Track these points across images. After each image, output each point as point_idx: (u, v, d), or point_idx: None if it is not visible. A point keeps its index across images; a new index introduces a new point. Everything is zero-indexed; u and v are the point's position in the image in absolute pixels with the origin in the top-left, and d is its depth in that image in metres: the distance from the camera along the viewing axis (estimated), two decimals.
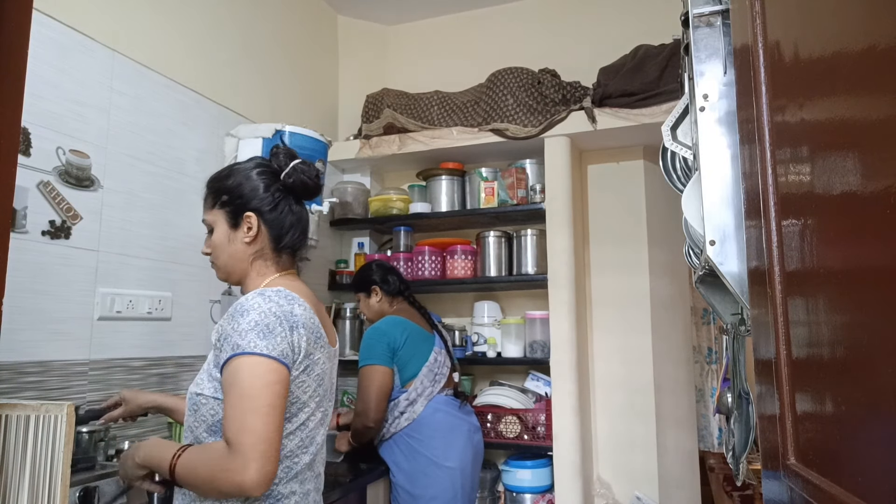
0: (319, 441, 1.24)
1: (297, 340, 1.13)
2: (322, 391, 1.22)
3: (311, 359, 1.16)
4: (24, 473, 0.98)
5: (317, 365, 1.18)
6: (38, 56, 1.69)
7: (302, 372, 1.15)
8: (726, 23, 1.01)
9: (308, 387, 1.17)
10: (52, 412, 1.01)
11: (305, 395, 1.17)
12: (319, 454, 1.25)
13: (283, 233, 1.26)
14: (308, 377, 1.17)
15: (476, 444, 2.30)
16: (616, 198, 2.87)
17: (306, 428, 1.19)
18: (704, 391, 3.79)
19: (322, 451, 1.27)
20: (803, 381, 0.61)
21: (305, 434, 1.19)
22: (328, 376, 1.24)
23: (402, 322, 2.27)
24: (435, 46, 3.35)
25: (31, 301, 1.65)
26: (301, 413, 1.17)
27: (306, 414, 1.18)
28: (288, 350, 1.11)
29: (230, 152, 2.37)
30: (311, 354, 1.16)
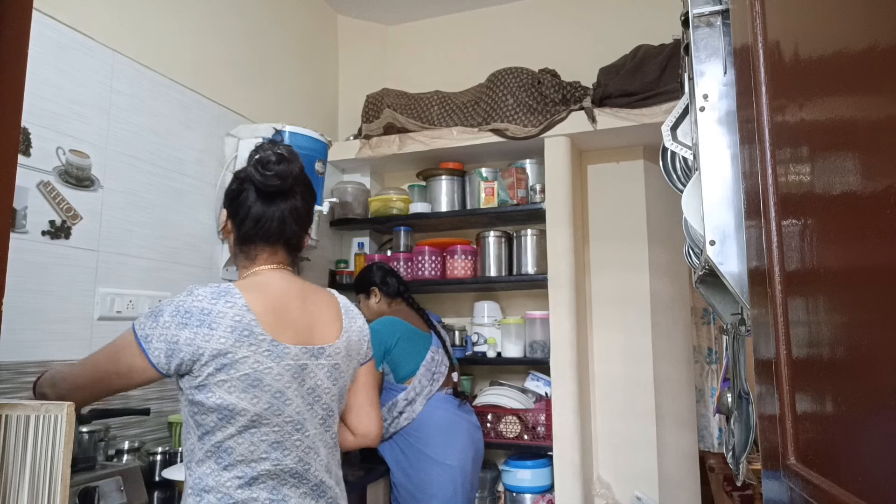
0: (292, 449, 1.16)
1: (190, 338, 1.10)
2: (264, 392, 1.13)
3: (228, 357, 1.10)
4: (24, 473, 0.98)
5: (242, 363, 1.11)
6: (38, 56, 1.69)
7: (217, 371, 1.10)
8: (726, 23, 1.01)
9: (233, 386, 1.10)
10: (52, 412, 1.01)
11: (232, 395, 1.10)
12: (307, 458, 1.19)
13: (241, 228, 1.25)
14: (229, 375, 1.10)
15: (476, 443, 2.30)
16: (616, 198, 2.87)
17: (258, 433, 1.13)
18: (704, 391, 3.79)
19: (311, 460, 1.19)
20: (803, 381, 0.61)
21: (259, 439, 1.13)
22: (273, 378, 1.14)
23: (394, 322, 2.29)
24: (435, 46, 3.35)
25: (31, 301, 1.65)
26: (239, 417, 1.11)
27: (246, 417, 1.11)
28: (163, 343, 1.11)
29: (230, 152, 2.37)
30: (227, 353, 1.10)
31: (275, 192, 1.23)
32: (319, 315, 1.26)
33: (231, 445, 1.12)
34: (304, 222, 1.29)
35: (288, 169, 1.21)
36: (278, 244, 1.26)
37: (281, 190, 1.23)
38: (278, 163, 1.21)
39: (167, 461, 1.87)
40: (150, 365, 1.11)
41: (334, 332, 1.27)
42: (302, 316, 1.22)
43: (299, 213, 1.26)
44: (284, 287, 1.23)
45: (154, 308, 1.15)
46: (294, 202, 1.25)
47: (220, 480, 1.12)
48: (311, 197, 1.31)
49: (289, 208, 1.24)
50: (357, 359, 1.33)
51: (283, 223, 1.24)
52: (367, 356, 1.38)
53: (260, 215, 1.23)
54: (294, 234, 1.27)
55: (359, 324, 1.35)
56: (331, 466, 1.24)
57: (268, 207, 1.23)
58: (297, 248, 1.30)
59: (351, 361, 1.30)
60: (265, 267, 1.26)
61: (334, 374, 1.24)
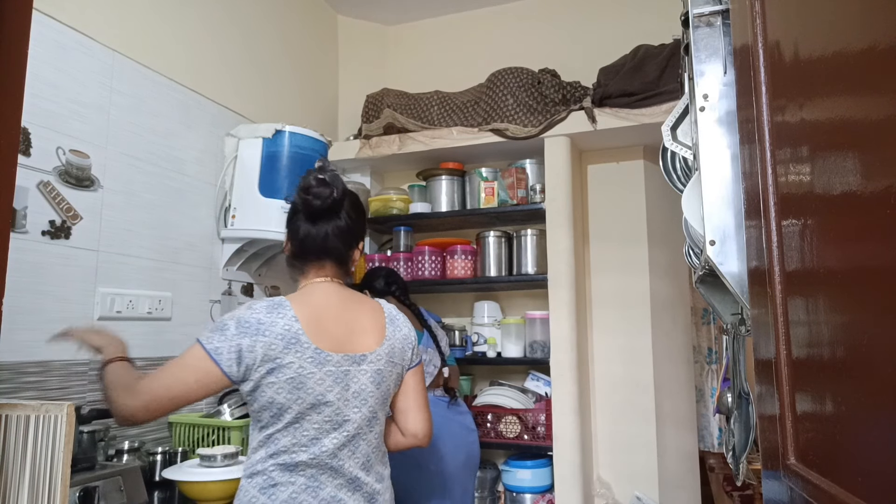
0: (329, 445, 1.28)
1: (250, 345, 1.23)
2: (307, 394, 1.25)
3: (276, 362, 1.24)
4: (24, 473, 0.98)
5: (288, 368, 1.24)
6: (38, 56, 1.69)
7: (268, 373, 1.24)
8: (726, 23, 1.01)
9: (280, 388, 1.24)
10: (52, 412, 1.01)
11: (280, 395, 1.25)
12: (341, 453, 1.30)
13: (293, 246, 1.42)
14: (277, 378, 1.24)
15: (469, 446, 2.24)
16: (616, 198, 2.87)
17: (300, 428, 1.26)
18: (704, 391, 3.79)
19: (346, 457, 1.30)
20: (803, 381, 0.61)
21: (301, 434, 1.26)
22: (317, 381, 1.27)
23: None
24: (435, 46, 3.35)
25: (31, 301, 1.65)
26: (285, 414, 1.26)
27: (291, 415, 1.25)
28: (226, 350, 1.23)
29: (230, 152, 2.37)
30: (276, 358, 1.24)
31: (317, 212, 1.37)
32: (358, 324, 1.36)
33: (278, 437, 1.27)
34: (349, 239, 1.41)
35: (326, 191, 1.35)
36: (325, 259, 1.40)
37: (322, 210, 1.37)
38: (318, 186, 1.35)
39: (167, 461, 1.87)
40: (223, 375, 1.24)
41: (376, 340, 1.37)
42: (338, 325, 1.33)
43: (342, 231, 1.39)
44: (325, 299, 1.36)
45: (218, 323, 1.28)
46: (337, 222, 1.39)
47: (265, 466, 1.27)
48: (356, 215, 1.44)
49: (332, 227, 1.38)
50: (402, 364, 1.42)
51: (326, 240, 1.38)
52: (414, 361, 1.46)
53: (305, 234, 1.38)
54: (337, 249, 1.39)
55: (403, 332, 1.43)
56: (371, 464, 1.35)
57: (312, 227, 1.38)
58: (345, 262, 1.43)
59: (395, 367, 1.39)
60: (314, 280, 1.40)
61: (377, 378, 1.35)
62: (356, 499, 1.31)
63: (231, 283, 2.39)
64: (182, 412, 2.10)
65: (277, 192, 2.26)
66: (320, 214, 1.37)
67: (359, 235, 1.45)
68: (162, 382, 1.22)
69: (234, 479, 1.63)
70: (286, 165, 2.29)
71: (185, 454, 1.94)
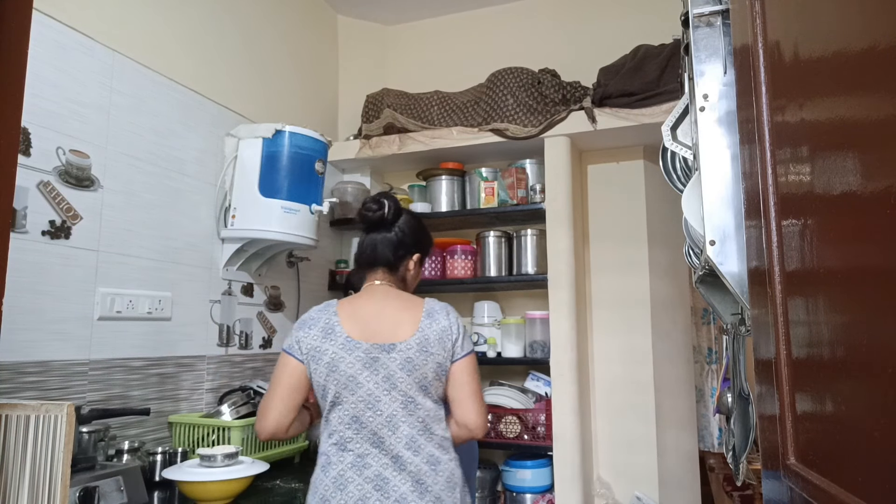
0: (368, 423, 1.45)
1: (303, 336, 1.50)
2: (340, 375, 1.46)
3: (318, 350, 1.48)
4: (24, 473, 0.98)
5: (325, 353, 1.47)
6: (38, 56, 1.69)
7: (313, 360, 1.48)
8: (726, 23, 1.01)
9: (321, 371, 1.47)
10: (52, 412, 1.01)
11: (321, 377, 1.47)
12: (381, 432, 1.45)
13: (356, 255, 1.69)
14: (318, 363, 1.47)
15: (468, 446, 2.23)
16: (616, 198, 2.87)
17: (342, 408, 1.47)
18: (704, 391, 3.79)
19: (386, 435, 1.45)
20: (803, 381, 0.61)
21: (343, 412, 1.46)
22: (347, 364, 1.47)
23: None
24: (435, 46, 3.35)
25: (31, 301, 1.65)
26: (328, 394, 1.47)
27: (332, 394, 1.47)
28: (294, 343, 1.51)
29: (230, 152, 2.37)
30: (317, 347, 1.48)
31: (371, 225, 1.63)
32: (393, 319, 1.53)
33: (330, 418, 1.49)
34: (399, 250, 1.62)
35: (375, 207, 1.61)
36: (376, 265, 1.62)
37: (374, 223, 1.62)
38: (372, 202, 1.62)
39: (167, 461, 1.87)
40: (299, 362, 1.50)
41: (409, 331, 1.51)
42: (375, 319, 1.52)
43: (392, 242, 1.62)
44: (368, 298, 1.58)
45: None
46: (387, 234, 1.62)
47: (325, 447, 1.48)
48: (410, 231, 1.65)
49: (381, 238, 1.62)
50: (439, 354, 1.51)
51: (375, 249, 1.62)
52: (457, 353, 1.54)
53: (361, 243, 1.65)
54: (385, 257, 1.61)
55: (442, 325, 1.53)
56: (419, 446, 1.46)
57: (367, 238, 1.64)
58: (395, 269, 1.64)
59: (430, 357, 1.50)
60: (368, 283, 1.63)
61: (407, 366, 1.48)
62: (402, 478, 1.43)
63: (231, 283, 2.39)
64: (182, 412, 2.11)
65: (277, 192, 2.26)
66: (372, 227, 1.63)
67: (412, 248, 1.66)
68: (269, 392, 1.50)
69: (234, 479, 1.63)
70: (286, 165, 2.29)
71: (185, 454, 1.94)
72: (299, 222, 2.30)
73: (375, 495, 1.41)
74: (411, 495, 1.42)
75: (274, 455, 2.09)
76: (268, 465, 1.76)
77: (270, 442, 2.10)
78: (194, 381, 2.18)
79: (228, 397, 2.22)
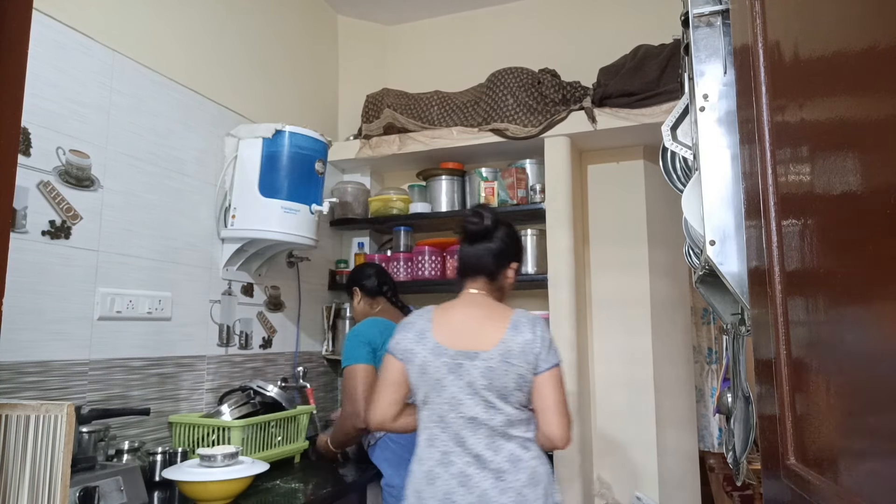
0: (452, 423, 1.57)
1: (401, 339, 1.66)
2: (429, 377, 1.59)
3: (411, 352, 1.62)
4: (24, 473, 0.98)
5: (417, 356, 1.61)
6: (38, 56, 1.69)
7: (407, 361, 1.63)
8: (726, 23, 1.01)
9: (414, 372, 1.62)
10: (52, 412, 1.01)
11: (414, 378, 1.62)
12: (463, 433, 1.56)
13: (457, 265, 1.78)
14: (411, 364, 1.62)
15: None
16: (616, 198, 2.87)
17: (431, 407, 1.60)
18: (704, 391, 3.79)
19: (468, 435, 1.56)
20: (803, 382, 0.61)
21: (431, 411, 1.60)
22: (434, 368, 1.59)
23: (379, 322, 2.25)
24: (435, 46, 3.35)
25: (31, 301, 1.65)
26: (419, 393, 1.62)
27: (422, 394, 1.61)
28: (395, 344, 1.67)
29: (230, 152, 2.37)
30: (411, 349, 1.62)
31: (473, 236, 1.71)
32: (480, 328, 1.62)
33: (422, 416, 1.63)
34: (500, 260, 1.71)
35: (477, 219, 1.69)
36: (477, 274, 1.71)
37: (477, 234, 1.70)
38: (474, 215, 1.71)
39: (167, 461, 1.87)
40: (400, 361, 1.65)
41: (492, 342, 1.58)
42: (463, 327, 1.63)
43: (493, 252, 1.70)
44: (461, 306, 1.69)
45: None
46: (489, 245, 1.70)
47: (419, 440, 1.63)
48: (510, 241, 1.74)
49: (484, 249, 1.70)
50: (521, 366, 1.57)
51: (479, 260, 1.70)
52: (541, 367, 1.59)
53: (462, 255, 1.74)
54: (488, 267, 1.70)
55: (526, 337, 1.59)
56: (496, 445, 1.55)
57: (469, 248, 1.72)
58: (495, 278, 1.72)
59: (511, 367, 1.56)
60: (467, 291, 1.72)
61: (489, 374, 1.56)
62: (484, 475, 1.53)
63: (231, 282, 2.39)
64: (182, 412, 2.11)
65: (277, 192, 2.26)
66: (475, 238, 1.70)
67: (511, 257, 1.74)
68: (377, 387, 1.70)
69: (234, 479, 1.63)
70: (286, 165, 2.29)
71: (185, 454, 1.94)
72: (299, 222, 2.30)
73: (460, 491, 1.53)
74: (492, 491, 1.51)
75: (274, 455, 2.09)
76: (268, 465, 1.76)
77: (270, 442, 2.11)
78: (194, 381, 2.18)
79: (228, 397, 2.22)
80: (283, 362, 2.68)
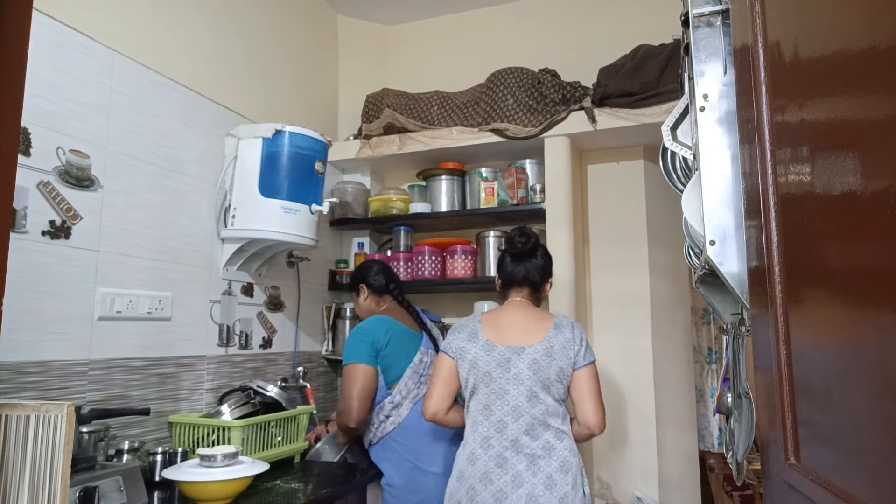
0: (496, 412, 1.79)
1: (453, 339, 1.91)
2: (479, 370, 1.82)
3: (464, 350, 1.87)
4: (24, 473, 0.98)
5: (469, 353, 1.85)
6: (38, 56, 1.69)
7: (461, 358, 1.87)
8: (726, 23, 1.01)
9: (466, 366, 1.85)
10: (52, 412, 1.01)
11: (465, 371, 1.85)
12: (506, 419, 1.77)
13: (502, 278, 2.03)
14: (464, 360, 1.86)
15: None
16: (616, 198, 2.87)
17: (479, 397, 1.82)
18: (704, 391, 3.79)
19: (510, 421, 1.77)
20: (803, 381, 0.61)
21: (478, 401, 1.82)
22: (485, 362, 1.83)
23: (386, 321, 2.24)
24: (435, 46, 3.35)
25: (31, 301, 1.65)
26: (469, 384, 1.85)
27: (471, 385, 1.84)
28: (448, 345, 1.92)
29: (230, 152, 2.37)
30: (463, 348, 1.87)
31: (521, 254, 1.96)
32: (526, 328, 1.87)
33: (470, 406, 1.85)
34: (543, 275, 1.99)
35: (525, 238, 1.95)
36: (523, 286, 1.97)
37: (524, 252, 1.96)
38: (520, 236, 1.96)
39: (167, 461, 1.87)
40: (453, 359, 1.89)
41: (536, 339, 1.83)
42: (511, 328, 1.88)
43: (539, 268, 1.98)
44: (508, 310, 1.95)
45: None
46: (536, 262, 1.98)
47: (466, 428, 1.85)
48: (549, 259, 2.04)
49: (532, 265, 1.97)
50: (562, 360, 1.82)
51: (527, 273, 1.97)
52: (579, 363, 1.83)
53: (511, 269, 1.99)
54: (534, 280, 1.97)
55: (566, 336, 1.85)
56: (538, 433, 1.77)
57: (517, 264, 1.98)
58: (538, 290, 1.99)
59: (553, 361, 1.80)
60: (512, 299, 1.97)
61: (534, 366, 1.79)
62: (519, 459, 1.74)
63: (231, 282, 2.39)
64: (182, 412, 2.11)
65: (277, 192, 2.26)
66: (522, 255, 1.96)
67: (550, 273, 2.03)
68: (431, 383, 1.92)
69: (234, 479, 1.63)
70: (286, 165, 2.28)
71: (185, 454, 1.94)
72: (299, 222, 2.30)
73: (497, 471, 1.73)
74: (525, 473, 1.72)
75: (274, 455, 2.09)
76: (268, 465, 1.76)
77: (270, 442, 2.11)
78: (194, 381, 2.18)
79: (228, 397, 2.22)
80: (283, 362, 2.68)
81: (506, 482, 1.72)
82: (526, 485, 1.71)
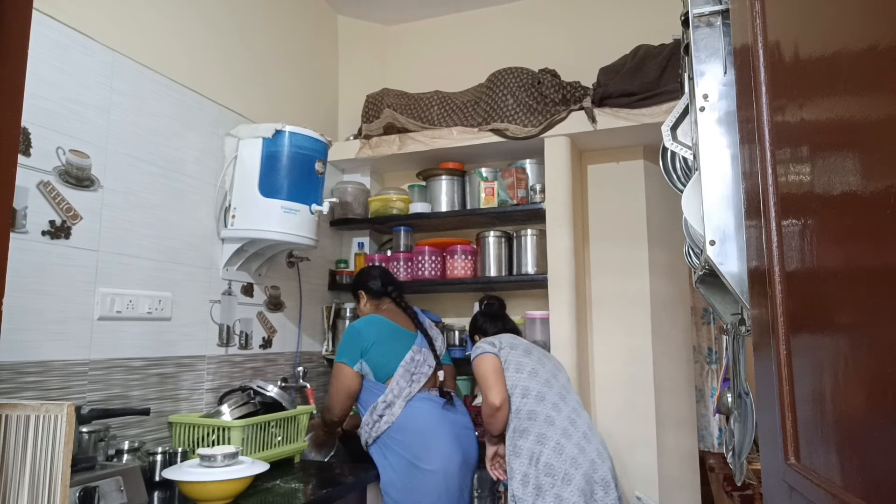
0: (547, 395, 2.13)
1: (501, 346, 2.23)
2: (523, 370, 2.16)
3: (506, 356, 2.19)
4: (24, 473, 0.98)
5: (514, 357, 2.19)
6: (38, 56, 1.69)
7: (505, 362, 2.18)
8: (726, 23, 1.01)
9: (512, 368, 2.17)
10: (52, 412, 1.01)
11: (512, 372, 2.16)
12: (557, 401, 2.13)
13: None
14: (509, 364, 2.18)
15: (465, 445, 2.24)
16: (616, 198, 2.87)
17: (529, 393, 2.13)
18: (704, 391, 3.79)
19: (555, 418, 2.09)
20: (803, 381, 0.61)
21: (526, 402, 2.12)
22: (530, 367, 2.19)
23: (377, 321, 2.29)
24: (435, 46, 3.35)
25: (31, 301, 1.65)
26: (518, 387, 2.14)
27: (520, 388, 2.14)
28: (497, 352, 2.22)
29: (230, 152, 2.37)
30: (521, 362, 2.18)
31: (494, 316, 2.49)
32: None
33: (518, 408, 2.12)
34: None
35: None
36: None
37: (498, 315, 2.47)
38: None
39: (167, 461, 1.87)
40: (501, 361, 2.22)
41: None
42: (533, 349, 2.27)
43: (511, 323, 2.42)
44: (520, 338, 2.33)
45: None
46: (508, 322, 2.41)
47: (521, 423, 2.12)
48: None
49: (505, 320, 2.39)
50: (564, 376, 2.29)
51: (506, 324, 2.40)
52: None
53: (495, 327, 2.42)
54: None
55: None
56: (578, 412, 2.14)
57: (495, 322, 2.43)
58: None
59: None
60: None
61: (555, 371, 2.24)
62: (575, 429, 2.08)
63: (231, 283, 2.39)
64: (182, 412, 2.11)
65: (277, 192, 2.26)
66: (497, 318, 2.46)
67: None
68: (488, 382, 2.15)
69: (234, 478, 1.63)
70: (286, 165, 2.28)
71: (185, 454, 1.94)
72: (299, 222, 2.30)
73: (564, 440, 2.05)
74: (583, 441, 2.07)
75: (274, 455, 2.09)
76: (268, 465, 1.76)
77: (270, 442, 2.11)
78: (194, 381, 2.18)
79: (228, 397, 2.22)
80: (283, 362, 2.68)
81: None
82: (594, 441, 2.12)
